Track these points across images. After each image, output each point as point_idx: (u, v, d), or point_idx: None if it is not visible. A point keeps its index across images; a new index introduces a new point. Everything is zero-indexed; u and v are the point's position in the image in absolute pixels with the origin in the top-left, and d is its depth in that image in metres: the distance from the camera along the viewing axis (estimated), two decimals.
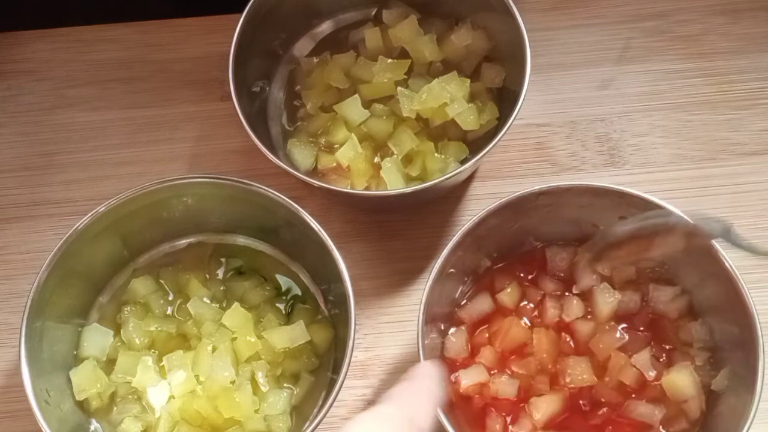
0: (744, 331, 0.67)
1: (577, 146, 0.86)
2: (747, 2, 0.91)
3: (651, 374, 0.71)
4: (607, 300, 0.72)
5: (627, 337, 0.72)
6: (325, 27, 0.88)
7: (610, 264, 0.72)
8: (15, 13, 0.93)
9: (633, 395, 0.71)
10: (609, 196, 0.71)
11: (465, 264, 0.73)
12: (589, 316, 0.73)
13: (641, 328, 0.73)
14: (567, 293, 0.74)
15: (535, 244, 0.76)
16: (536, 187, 0.70)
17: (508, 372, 0.72)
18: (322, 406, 0.69)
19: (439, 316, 0.73)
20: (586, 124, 0.86)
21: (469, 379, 0.71)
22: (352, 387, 0.77)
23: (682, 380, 0.70)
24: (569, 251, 0.75)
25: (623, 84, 0.88)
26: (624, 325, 0.73)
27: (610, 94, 0.88)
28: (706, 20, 0.90)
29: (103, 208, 0.72)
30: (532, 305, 0.74)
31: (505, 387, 0.71)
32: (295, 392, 0.74)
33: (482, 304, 0.75)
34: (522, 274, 0.76)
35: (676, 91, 0.87)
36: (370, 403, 0.77)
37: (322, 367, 0.76)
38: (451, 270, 0.71)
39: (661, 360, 0.72)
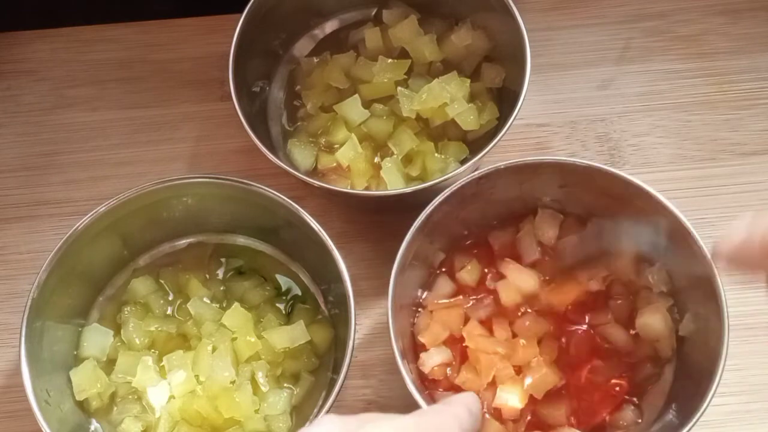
0: (698, 268, 0.67)
1: (577, 146, 0.86)
2: (747, 2, 0.91)
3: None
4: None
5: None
6: (325, 27, 0.88)
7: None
8: (15, 13, 0.93)
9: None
10: (546, 168, 0.72)
11: (422, 256, 0.74)
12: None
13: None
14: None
15: (481, 229, 0.77)
16: (476, 173, 0.71)
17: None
18: (322, 406, 0.70)
19: (407, 305, 0.74)
20: (586, 124, 0.86)
21: (432, 361, 0.72)
22: (352, 387, 0.77)
23: (655, 321, 0.71)
24: (509, 231, 0.76)
25: (623, 84, 0.88)
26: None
27: (610, 94, 0.88)
28: (706, 20, 0.90)
29: (103, 208, 0.72)
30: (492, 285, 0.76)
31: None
32: (295, 392, 0.74)
33: (444, 287, 0.75)
34: (478, 256, 0.76)
35: (676, 91, 0.87)
36: (370, 403, 0.77)
37: (322, 367, 0.76)
38: (413, 262, 0.72)
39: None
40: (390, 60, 0.83)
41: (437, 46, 0.83)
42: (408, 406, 0.64)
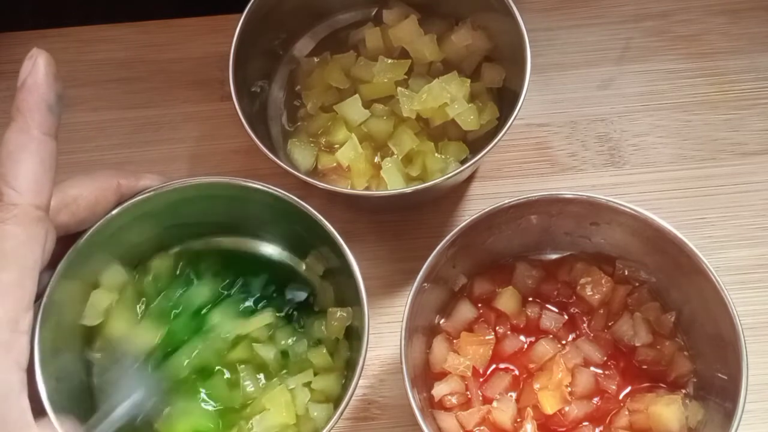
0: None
1: (577, 146, 0.86)
2: (747, 2, 0.91)
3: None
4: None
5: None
6: (325, 27, 0.88)
7: None
8: (15, 13, 0.93)
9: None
10: (579, 204, 0.71)
11: (443, 279, 0.73)
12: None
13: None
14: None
15: (507, 258, 0.76)
16: (506, 201, 0.69)
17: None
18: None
19: (422, 328, 0.73)
20: (586, 124, 0.86)
21: (443, 389, 0.71)
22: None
23: (669, 413, 0.69)
24: (537, 269, 0.75)
25: (623, 84, 0.88)
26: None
27: (610, 94, 0.88)
28: (706, 20, 0.90)
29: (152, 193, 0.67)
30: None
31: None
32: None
33: (465, 313, 0.74)
34: (501, 282, 0.75)
35: (676, 91, 0.87)
36: (370, 403, 0.77)
37: None
38: (428, 285, 0.69)
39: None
40: (390, 60, 0.83)
41: (437, 46, 0.83)
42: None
